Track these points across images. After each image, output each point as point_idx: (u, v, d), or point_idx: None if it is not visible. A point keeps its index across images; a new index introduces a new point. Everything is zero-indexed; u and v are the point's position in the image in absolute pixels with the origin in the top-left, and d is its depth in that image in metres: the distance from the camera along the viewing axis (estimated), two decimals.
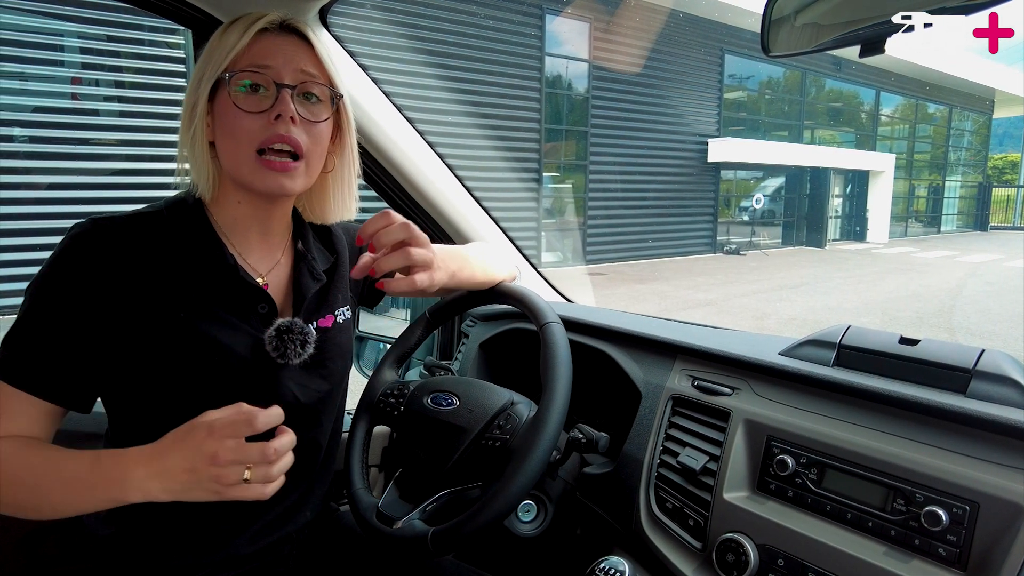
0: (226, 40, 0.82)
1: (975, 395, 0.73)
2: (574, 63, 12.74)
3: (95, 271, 0.78)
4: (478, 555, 1.17)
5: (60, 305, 0.78)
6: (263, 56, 0.82)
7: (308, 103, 0.85)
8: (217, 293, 0.84)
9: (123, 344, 0.80)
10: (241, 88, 0.81)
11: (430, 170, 1.40)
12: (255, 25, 0.83)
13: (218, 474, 0.69)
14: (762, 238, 17.26)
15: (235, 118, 0.81)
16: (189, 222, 0.86)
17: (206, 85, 0.82)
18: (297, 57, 0.84)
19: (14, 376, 0.77)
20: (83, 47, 7.23)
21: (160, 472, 0.71)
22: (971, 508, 0.65)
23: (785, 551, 0.76)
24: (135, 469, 0.72)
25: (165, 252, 0.83)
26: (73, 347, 0.78)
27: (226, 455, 0.69)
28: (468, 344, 1.41)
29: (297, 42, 0.85)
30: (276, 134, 0.81)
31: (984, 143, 25.20)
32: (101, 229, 0.80)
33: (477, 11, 10.94)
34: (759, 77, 16.94)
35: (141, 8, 1.18)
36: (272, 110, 0.81)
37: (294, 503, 0.94)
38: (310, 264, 0.95)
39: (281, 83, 0.82)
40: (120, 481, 0.72)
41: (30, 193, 6.92)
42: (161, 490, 0.71)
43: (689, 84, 14.53)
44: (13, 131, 6.99)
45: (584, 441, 0.95)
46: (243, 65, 0.82)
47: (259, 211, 0.89)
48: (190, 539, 0.86)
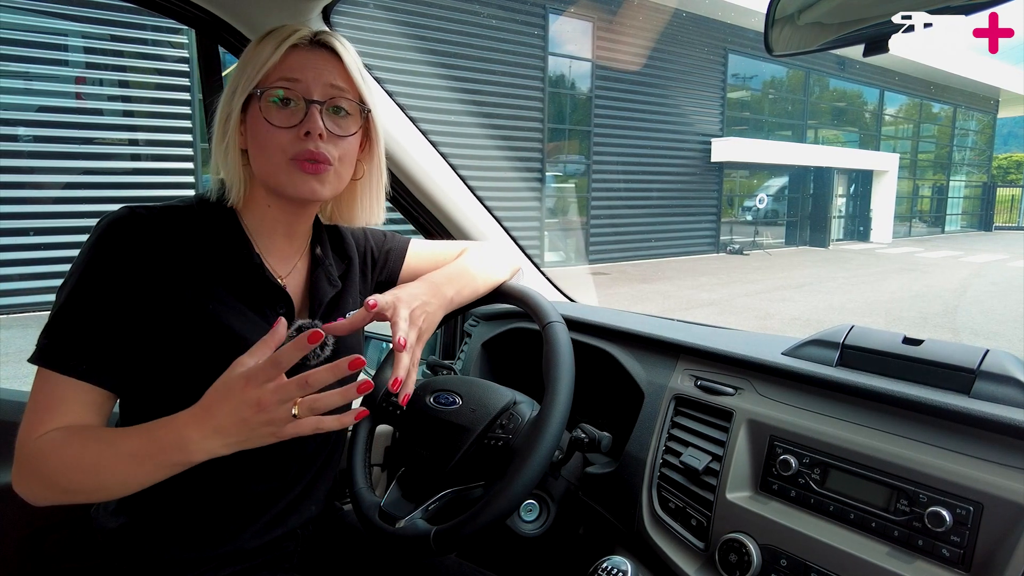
0: (259, 54, 0.85)
1: (979, 395, 0.72)
2: (577, 63, 12.74)
3: (132, 257, 0.80)
4: (480, 554, 1.17)
5: (102, 290, 0.79)
6: (294, 70, 0.85)
7: (337, 117, 0.88)
8: (241, 289, 0.87)
9: (152, 330, 0.81)
10: (273, 101, 0.84)
11: (434, 169, 1.40)
12: (288, 40, 0.86)
13: (268, 418, 0.71)
14: (765, 238, 17.23)
15: (266, 132, 0.84)
16: (219, 220, 0.89)
17: (239, 98, 0.85)
18: (327, 72, 0.87)
19: (63, 363, 0.78)
20: (87, 47, 7.26)
21: (214, 430, 0.72)
22: (975, 509, 0.65)
23: (788, 551, 0.76)
24: (190, 432, 0.72)
25: (195, 245, 0.85)
26: (117, 332, 0.80)
27: (269, 398, 0.70)
28: (471, 343, 1.41)
29: (327, 56, 0.88)
30: (306, 150, 0.84)
31: (989, 143, 25.10)
32: (137, 217, 0.82)
33: (480, 10, 10.95)
34: (762, 76, 16.92)
35: (145, 8, 1.19)
36: (301, 125, 0.84)
37: (298, 496, 0.95)
38: (327, 270, 0.98)
39: (311, 99, 0.85)
40: (179, 446, 0.73)
41: (34, 192, 6.94)
42: (221, 445, 0.73)
43: (692, 83, 14.51)
44: (18, 131, 7.02)
45: (587, 441, 0.95)
46: (274, 79, 0.85)
47: (287, 215, 0.92)
48: (197, 532, 0.87)
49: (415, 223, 1.48)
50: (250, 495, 0.89)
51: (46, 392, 0.78)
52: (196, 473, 0.79)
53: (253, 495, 0.90)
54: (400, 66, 9.72)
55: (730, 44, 14.83)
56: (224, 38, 1.21)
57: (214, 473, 0.85)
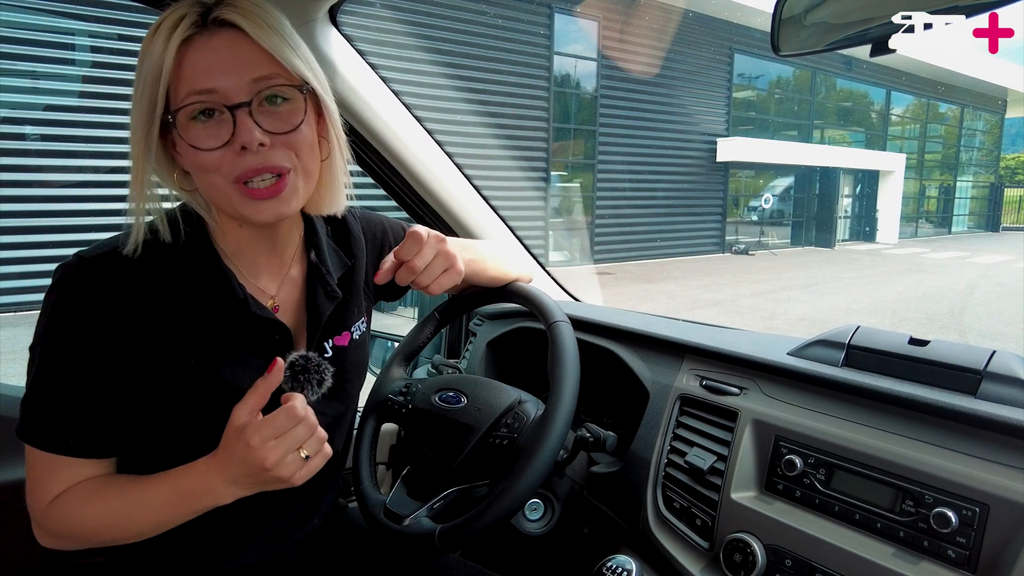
0: (150, 61, 0.69)
1: (986, 396, 0.72)
2: (583, 62, 12.73)
3: (94, 312, 0.72)
4: (485, 553, 1.17)
5: (72, 356, 0.72)
6: (199, 75, 0.69)
7: (274, 108, 0.72)
8: (227, 331, 0.78)
9: (135, 389, 0.75)
10: (193, 118, 0.70)
11: (439, 169, 1.40)
12: (175, 35, 0.68)
13: (277, 475, 0.69)
14: (771, 238, 17.19)
15: (196, 158, 0.71)
16: (191, 251, 0.77)
17: (149, 125, 0.71)
18: (240, 62, 0.70)
19: (49, 442, 0.73)
20: (94, 46, 7.29)
21: (232, 480, 0.71)
22: (981, 510, 0.65)
23: (793, 551, 0.76)
24: (213, 479, 0.72)
25: (167, 287, 0.75)
26: (98, 399, 0.74)
27: (273, 457, 0.68)
28: (476, 342, 1.41)
29: (234, 39, 0.70)
30: (249, 168, 0.70)
31: (996, 143, 24.98)
32: (89, 265, 0.73)
33: (486, 10, 10.94)
34: (769, 76, 16.87)
35: (153, 8, 1.19)
36: (233, 141, 0.69)
37: (303, 511, 0.94)
38: (324, 279, 0.87)
39: (231, 104, 0.69)
40: (206, 493, 0.72)
41: (41, 191, 6.97)
42: (243, 491, 0.72)
43: (698, 83, 14.48)
44: (25, 129, 7.05)
45: (592, 440, 0.95)
46: (183, 94, 0.69)
47: (263, 232, 0.82)
48: (199, 550, 0.86)
49: (420, 222, 1.48)
50: (254, 512, 0.87)
51: (39, 466, 0.75)
52: None
53: (257, 512, 0.87)
54: (406, 65, 9.72)
55: (736, 44, 14.80)
56: None
57: None
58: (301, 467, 0.71)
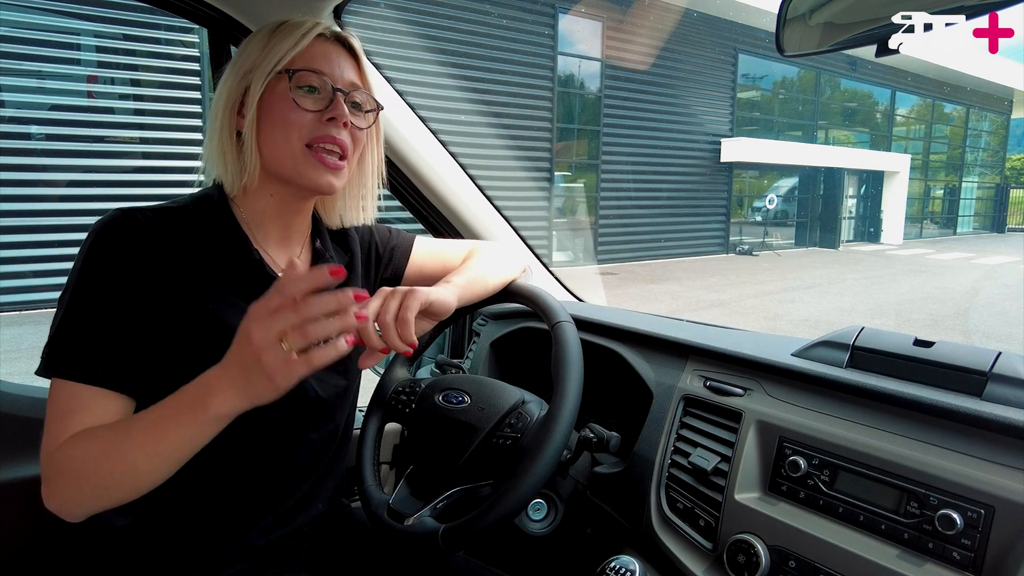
0: (281, 41, 0.85)
1: (991, 398, 0.72)
2: (587, 62, 12.72)
3: (129, 258, 0.79)
4: (488, 553, 1.17)
5: (104, 294, 0.78)
6: (317, 60, 0.87)
7: (354, 110, 0.90)
8: (242, 286, 0.86)
9: (157, 332, 0.80)
10: (302, 86, 0.85)
11: (442, 168, 1.40)
12: (315, 30, 0.87)
13: (265, 363, 0.66)
14: (775, 239, 17.15)
15: (290, 111, 0.84)
16: (214, 216, 0.88)
17: (259, 80, 0.84)
18: (348, 66, 0.90)
19: (78, 371, 0.76)
20: (99, 46, 7.32)
21: (224, 369, 0.69)
22: (986, 512, 0.64)
23: (796, 553, 0.76)
24: (210, 373, 0.70)
25: (192, 244, 0.84)
26: (125, 334, 0.78)
27: (258, 334, 0.65)
28: (479, 342, 1.41)
29: (345, 52, 0.91)
30: (328, 134, 0.85)
31: (1002, 144, 24.86)
32: (131, 218, 0.81)
33: (490, 10, 10.95)
34: (773, 77, 16.83)
35: (158, 7, 1.19)
36: (326, 111, 0.86)
37: (306, 494, 0.95)
38: (327, 262, 0.97)
39: (337, 87, 0.87)
40: (200, 397, 0.69)
41: (46, 190, 7.00)
42: (236, 393, 0.69)
43: (702, 83, 14.45)
44: (30, 129, 7.08)
45: (595, 440, 0.95)
46: (300, 67, 0.85)
47: (287, 207, 0.92)
48: (204, 530, 0.87)
49: (424, 222, 1.48)
50: (258, 492, 0.89)
51: (64, 401, 0.76)
52: (203, 470, 0.79)
53: (261, 492, 0.90)
54: (410, 65, 9.73)
55: (740, 44, 14.77)
56: (237, 37, 1.22)
57: (221, 469, 0.85)
58: (285, 362, 0.66)
